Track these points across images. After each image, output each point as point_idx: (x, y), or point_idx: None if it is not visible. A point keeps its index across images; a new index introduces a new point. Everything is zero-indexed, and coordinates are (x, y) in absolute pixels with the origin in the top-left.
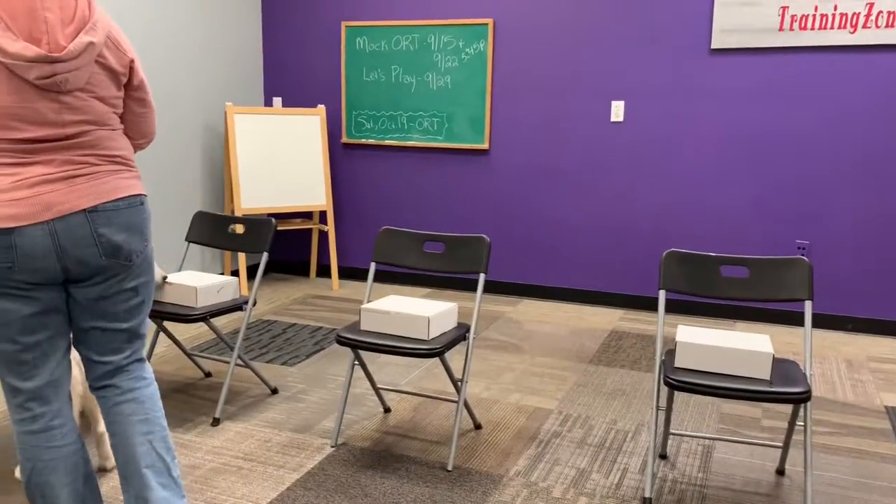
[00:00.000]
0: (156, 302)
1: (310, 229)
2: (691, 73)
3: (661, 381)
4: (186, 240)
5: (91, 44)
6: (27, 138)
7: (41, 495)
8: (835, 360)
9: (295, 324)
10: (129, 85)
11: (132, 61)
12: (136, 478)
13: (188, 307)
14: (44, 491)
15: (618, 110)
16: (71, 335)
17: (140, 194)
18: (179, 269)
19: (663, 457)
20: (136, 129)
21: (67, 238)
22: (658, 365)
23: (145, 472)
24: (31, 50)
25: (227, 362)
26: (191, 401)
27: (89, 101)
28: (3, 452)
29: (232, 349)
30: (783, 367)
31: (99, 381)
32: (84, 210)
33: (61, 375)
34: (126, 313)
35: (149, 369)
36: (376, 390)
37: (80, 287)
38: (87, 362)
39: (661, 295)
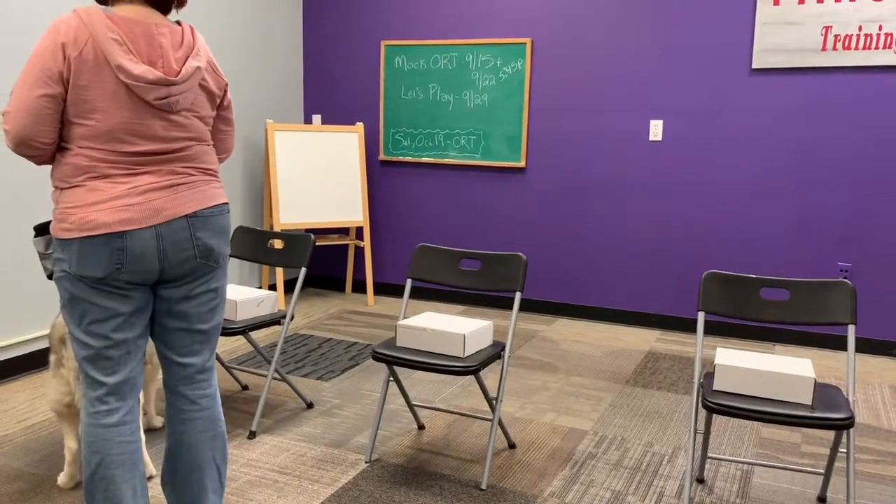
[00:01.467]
0: None
1: (346, 245)
2: (731, 92)
3: (700, 404)
4: None
5: (197, 69)
6: (138, 151)
7: (104, 489)
8: (879, 386)
9: (331, 339)
10: (221, 105)
11: (226, 84)
12: (195, 485)
13: (228, 320)
14: (108, 485)
15: (656, 129)
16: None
17: (227, 203)
18: None
19: (701, 481)
20: (221, 145)
21: (170, 240)
22: (696, 387)
23: (205, 482)
24: (152, 73)
25: (264, 376)
26: (228, 413)
27: (192, 119)
28: (44, 461)
29: (269, 363)
30: (825, 393)
31: (178, 386)
32: (186, 215)
33: (139, 374)
34: (207, 314)
35: (216, 378)
36: (411, 407)
37: (169, 287)
38: (168, 364)
39: (700, 316)
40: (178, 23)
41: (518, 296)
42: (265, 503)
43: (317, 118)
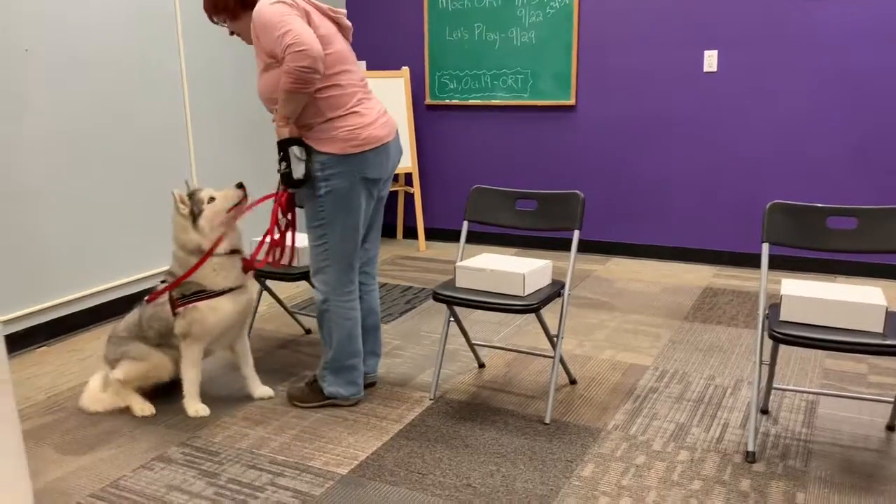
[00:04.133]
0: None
1: (396, 191)
2: (788, 16)
3: (766, 335)
4: None
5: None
6: (359, 77)
7: (348, 338)
8: None
9: (386, 283)
10: None
11: None
12: (374, 335)
13: (289, 266)
14: (353, 339)
15: (711, 60)
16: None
17: None
18: None
19: (765, 412)
20: None
21: (396, 151)
22: (762, 318)
23: (379, 338)
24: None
25: None
26: (293, 356)
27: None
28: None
29: None
30: None
31: (364, 266)
32: (396, 133)
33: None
34: (382, 210)
35: None
36: (471, 346)
37: (379, 190)
38: (363, 249)
39: (765, 248)
40: None
41: (577, 234)
42: (337, 440)
43: (361, 64)
